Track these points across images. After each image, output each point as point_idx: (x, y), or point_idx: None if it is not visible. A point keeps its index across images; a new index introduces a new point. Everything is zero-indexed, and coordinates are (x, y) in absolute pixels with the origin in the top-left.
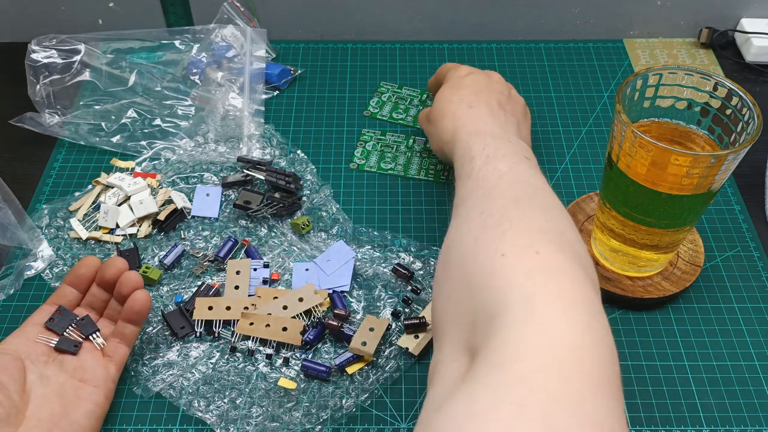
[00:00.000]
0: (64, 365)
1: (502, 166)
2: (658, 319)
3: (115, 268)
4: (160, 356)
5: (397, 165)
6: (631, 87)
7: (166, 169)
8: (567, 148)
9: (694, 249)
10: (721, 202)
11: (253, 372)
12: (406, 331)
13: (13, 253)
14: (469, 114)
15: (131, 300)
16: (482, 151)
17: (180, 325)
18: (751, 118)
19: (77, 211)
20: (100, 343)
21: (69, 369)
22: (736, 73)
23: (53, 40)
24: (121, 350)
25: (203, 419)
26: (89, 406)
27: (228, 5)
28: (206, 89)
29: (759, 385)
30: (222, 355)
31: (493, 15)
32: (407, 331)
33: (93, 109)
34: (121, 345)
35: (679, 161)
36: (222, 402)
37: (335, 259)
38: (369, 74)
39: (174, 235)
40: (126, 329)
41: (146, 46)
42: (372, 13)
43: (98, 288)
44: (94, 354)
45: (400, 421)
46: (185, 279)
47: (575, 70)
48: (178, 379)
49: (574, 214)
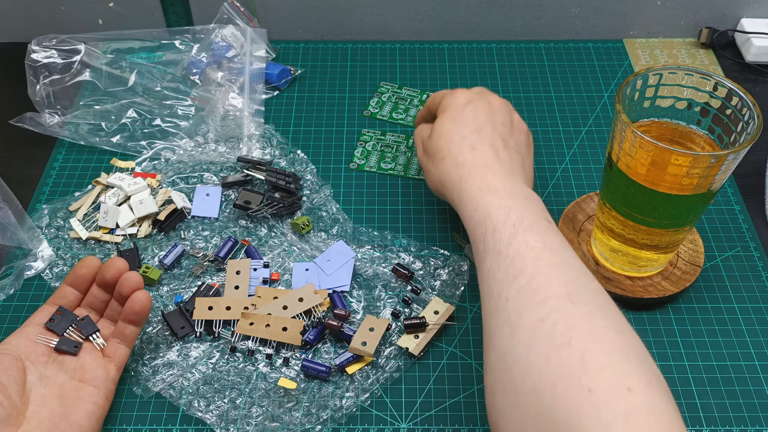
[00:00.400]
0: (64, 366)
1: (534, 242)
2: (658, 319)
3: (115, 269)
4: (160, 356)
5: (397, 165)
6: (631, 87)
7: (166, 169)
8: (567, 148)
9: (694, 249)
10: (721, 202)
11: (253, 372)
12: (406, 331)
13: (13, 253)
14: (473, 159)
15: (131, 301)
16: (506, 220)
17: (180, 325)
18: (751, 118)
19: (77, 211)
20: (100, 343)
21: (69, 369)
22: (736, 73)
23: (53, 40)
24: (122, 350)
25: (203, 419)
26: (89, 406)
27: (228, 5)
28: (206, 89)
29: (759, 385)
30: (222, 355)
31: (493, 15)
32: (407, 331)
33: (93, 109)
34: (122, 345)
35: (679, 161)
36: (222, 402)
37: (335, 259)
38: (369, 74)
39: (174, 235)
40: (126, 330)
41: (146, 46)
42: (372, 13)
43: (98, 288)
44: (94, 354)
45: (400, 421)
46: (185, 279)
47: (575, 70)
48: (178, 379)
49: (574, 214)
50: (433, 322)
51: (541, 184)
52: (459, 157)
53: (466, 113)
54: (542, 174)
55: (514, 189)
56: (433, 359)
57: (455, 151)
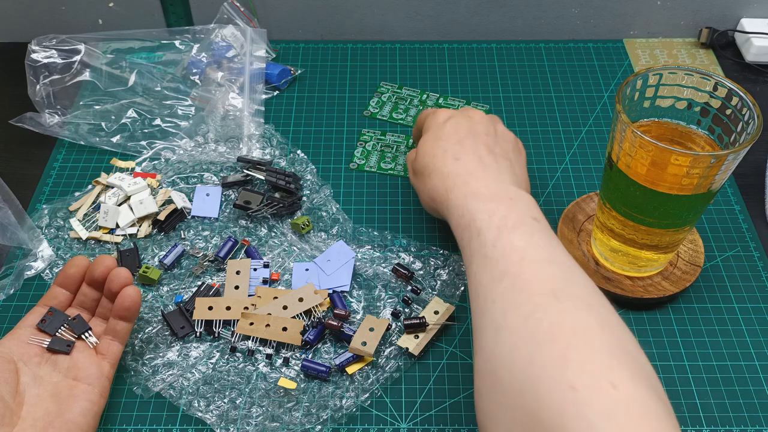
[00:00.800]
0: (57, 365)
1: (518, 242)
2: (658, 319)
3: (103, 266)
4: (160, 356)
5: (397, 165)
6: (631, 87)
7: (166, 169)
8: (567, 148)
9: (694, 249)
10: (721, 202)
11: (253, 372)
12: (406, 331)
13: (13, 253)
14: (457, 169)
15: (121, 296)
16: (489, 223)
17: (180, 325)
18: (751, 118)
19: (77, 211)
20: (92, 341)
21: (63, 368)
22: (736, 73)
23: (53, 40)
24: (115, 347)
25: (203, 419)
26: (84, 404)
27: (228, 5)
28: (206, 89)
29: (759, 385)
30: (222, 355)
31: (493, 15)
32: (407, 331)
33: (93, 109)
34: (114, 342)
35: (679, 161)
36: (222, 402)
37: (335, 259)
38: (369, 74)
39: (174, 235)
40: (118, 326)
41: (146, 46)
42: (372, 13)
43: (88, 287)
44: (87, 353)
45: (400, 421)
46: (185, 279)
47: (575, 70)
48: (178, 379)
49: (574, 214)
50: (433, 322)
51: (541, 184)
52: (443, 169)
53: (446, 129)
54: (542, 174)
55: (499, 191)
56: (433, 359)
57: (440, 165)
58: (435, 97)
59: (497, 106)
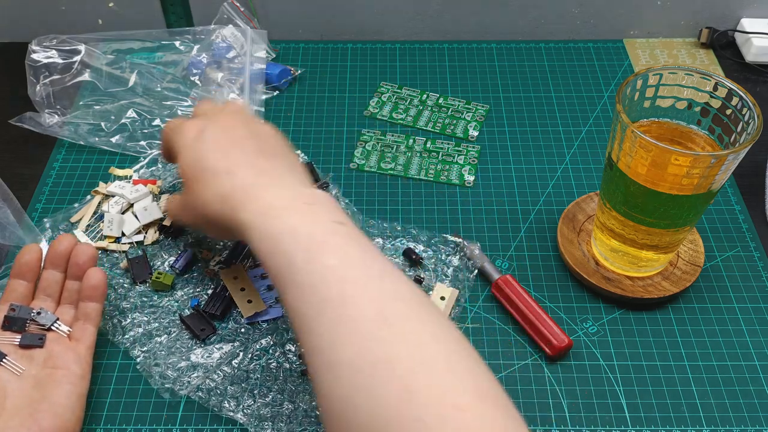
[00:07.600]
0: (34, 358)
1: (332, 260)
2: (658, 319)
3: (67, 241)
4: (183, 360)
5: (397, 165)
6: (631, 87)
7: (165, 174)
8: (567, 148)
9: (694, 249)
10: (721, 202)
11: (278, 369)
12: None
13: (12, 252)
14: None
15: (87, 276)
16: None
17: (200, 327)
18: (751, 118)
19: (79, 222)
20: (64, 330)
21: (40, 361)
22: (736, 73)
23: (53, 40)
24: (89, 330)
25: (234, 419)
26: (67, 386)
27: (228, 5)
28: (206, 90)
29: (759, 385)
30: (245, 354)
31: (493, 15)
32: None
33: (93, 109)
34: (87, 325)
35: (679, 161)
36: (252, 401)
37: None
38: (369, 74)
39: (182, 239)
40: (88, 308)
41: (146, 46)
42: (372, 13)
43: (49, 271)
44: (61, 341)
45: None
46: (199, 282)
47: (575, 70)
48: (204, 380)
49: (574, 214)
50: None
51: (541, 184)
52: (221, 190)
53: (203, 146)
54: (542, 174)
55: (293, 199)
56: None
57: (214, 189)
58: (435, 97)
59: (497, 106)
